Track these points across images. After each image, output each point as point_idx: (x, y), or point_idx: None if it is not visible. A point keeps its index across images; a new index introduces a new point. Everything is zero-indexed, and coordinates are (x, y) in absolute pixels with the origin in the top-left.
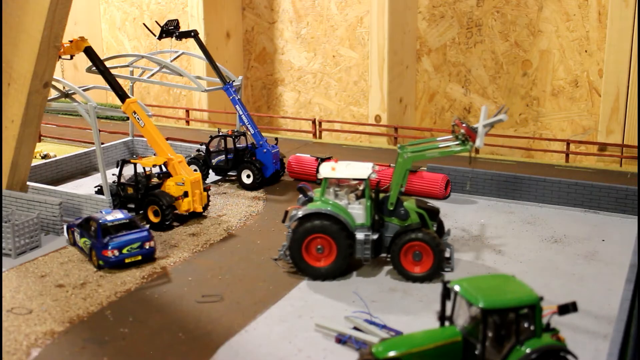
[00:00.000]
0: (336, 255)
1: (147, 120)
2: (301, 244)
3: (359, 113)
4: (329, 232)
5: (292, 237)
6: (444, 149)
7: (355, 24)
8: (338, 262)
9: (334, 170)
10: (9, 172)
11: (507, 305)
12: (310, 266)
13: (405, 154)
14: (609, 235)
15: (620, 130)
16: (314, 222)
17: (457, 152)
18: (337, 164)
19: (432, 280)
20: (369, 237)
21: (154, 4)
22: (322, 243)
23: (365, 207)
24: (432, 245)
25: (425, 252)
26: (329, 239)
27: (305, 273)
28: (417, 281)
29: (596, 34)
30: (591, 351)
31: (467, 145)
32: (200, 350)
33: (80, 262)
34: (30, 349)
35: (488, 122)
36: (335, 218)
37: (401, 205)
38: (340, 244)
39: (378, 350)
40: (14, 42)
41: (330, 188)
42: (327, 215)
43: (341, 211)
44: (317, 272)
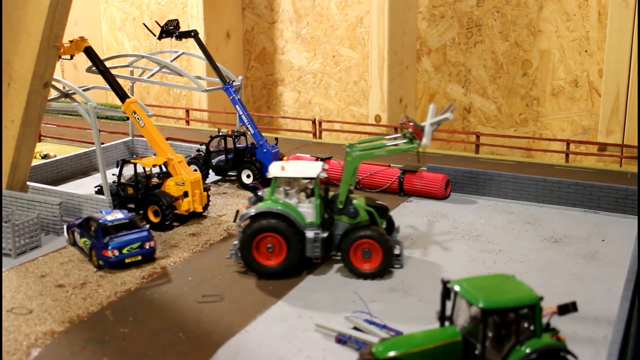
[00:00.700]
0: (286, 254)
1: (147, 120)
2: (251, 243)
3: (359, 113)
4: (279, 231)
5: (243, 236)
6: (391, 148)
7: (355, 24)
8: (288, 260)
9: (284, 169)
10: (9, 172)
11: (507, 305)
12: (261, 265)
13: (354, 152)
14: (609, 235)
15: (620, 130)
16: (264, 221)
17: (404, 150)
18: (287, 163)
19: (382, 277)
20: (318, 236)
21: (154, 4)
22: (272, 242)
23: (315, 206)
24: (380, 242)
25: (374, 249)
26: (279, 237)
27: (256, 272)
28: (367, 278)
29: (596, 34)
30: (591, 351)
31: (414, 144)
32: (200, 350)
33: (80, 262)
34: (30, 349)
35: (434, 121)
36: (285, 217)
37: (350, 203)
38: (290, 242)
39: (378, 350)
40: (14, 42)
41: (281, 187)
42: (277, 214)
43: (291, 210)
44: (267, 270)
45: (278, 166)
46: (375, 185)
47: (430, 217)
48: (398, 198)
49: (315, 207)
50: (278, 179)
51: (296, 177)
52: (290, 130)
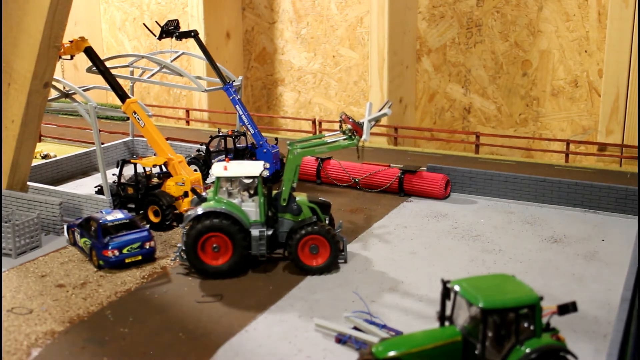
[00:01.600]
0: (232, 253)
1: (147, 120)
2: (196, 244)
3: (359, 113)
4: (223, 230)
5: (187, 238)
6: (332, 144)
7: (355, 24)
8: (234, 259)
9: (226, 169)
10: (9, 172)
11: (507, 305)
12: (207, 265)
13: (295, 150)
14: (608, 235)
15: (620, 130)
16: (208, 221)
17: (345, 147)
18: (229, 164)
19: (330, 271)
20: (263, 233)
21: (154, 4)
22: (217, 242)
23: (258, 204)
24: (327, 237)
25: (321, 245)
26: (224, 237)
27: (202, 272)
28: (315, 274)
29: (596, 34)
30: (591, 351)
31: (354, 140)
32: (200, 350)
33: (80, 262)
34: (31, 349)
35: (373, 117)
36: (230, 216)
37: (294, 200)
38: (236, 241)
39: (378, 350)
40: (14, 42)
41: (224, 187)
42: (221, 213)
43: (235, 209)
44: (214, 270)
45: (221, 166)
46: (375, 185)
47: (430, 217)
48: (398, 198)
49: (259, 205)
50: (221, 179)
51: (239, 177)
52: (290, 131)
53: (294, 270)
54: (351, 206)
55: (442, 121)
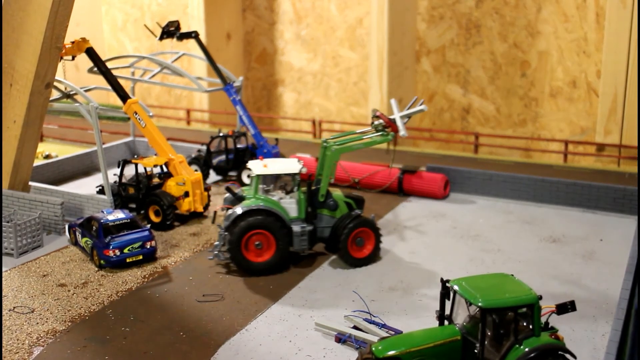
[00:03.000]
0: (275, 249)
1: (148, 121)
2: (240, 242)
3: (358, 114)
4: (267, 227)
5: (231, 236)
6: (368, 141)
7: (355, 25)
8: (277, 255)
9: (266, 167)
10: (11, 172)
11: (506, 304)
12: (251, 262)
13: (332, 147)
14: (607, 234)
15: (618, 130)
16: (252, 219)
17: (379, 143)
18: (267, 161)
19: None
20: (305, 229)
21: (155, 5)
22: (260, 239)
23: (297, 201)
24: (373, 229)
25: (367, 237)
26: (267, 233)
27: (246, 269)
28: (362, 265)
29: (594, 35)
30: (589, 350)
31: (388, 135)
32: (201, 349)
33: (81, 261)
34: (32, 348)
35: (406, 113)
36: (272, 213)
37: (330, 196)
38: (279, 237)
39: (378, 349)
40: (16, 43)
41: (260, 185)
42: (264, 210)
43: (276, 206)
44: (257, 267)
45: (260, 164)
46: (375, 185)
47: (429, 217)
48: (398, 198)
49: (299, 201)
50: (260, 177)
51: (280, 174)
52: (290, 131)
53: (294, 270)
54: None
55: (442, 121)
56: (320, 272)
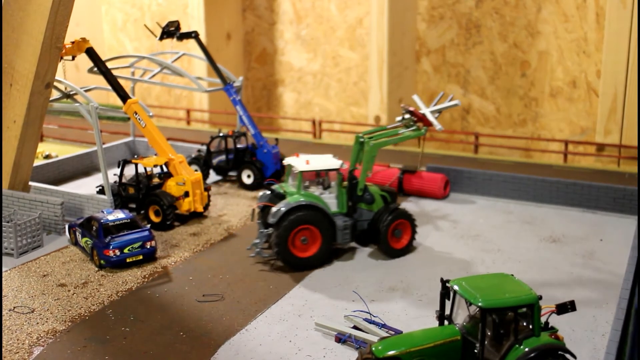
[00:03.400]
0: (320, 244)
1: (148, 121)
2: (288, 237)
3: (358, 113)
4: (313, 222)
5: (279, 232)
6: (402, 136)
7: (355, 25)
8: (323, 249)
9: (309, 163)
10: (11, 172)
11: (506, 304)
12: (297, 257)
13: (370, 142)
14: (606, 234)
15: (618, 130)
16: (299, 214)
17: (412, 137)
18: (308, 158)
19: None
20: (347, 223)
21: (155, 5)
22: (306, 234)
23: (336, 195)
24: (410, 220)
25: (404, 228)
26: (313, 228)
27: (294, 265)
28: (400, 256)
29: (594, 35)
30: (589, 350)
31: (422, 130)
32: (201, 349)
33: (81, 261)
34: (33, 348)
35: (439, 108)
36: (318, 208)
37: (367, 190)
38: (324, 232)
39: (378, 349)
40: (16, 43)
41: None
42: (309, 206)
43: (320, 201)
44: (303, 262)
45: (302, 161)
46: None
47: (429, 217)
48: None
49: (341, 196)
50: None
51: (323, 170)
52: (291, 131)
53: (294, 270)
54: None
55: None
56: (320, 272)
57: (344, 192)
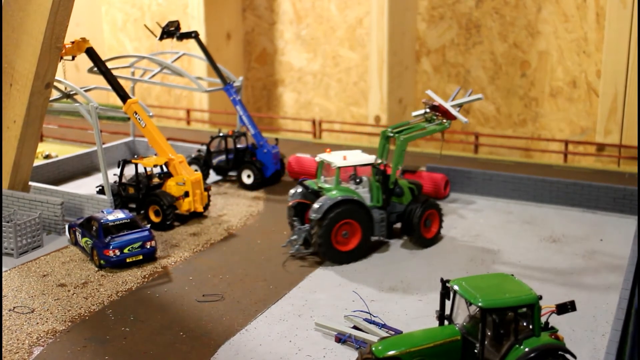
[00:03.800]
0: (360, 237)
1: (148, 121)
2: (331, 232)
3: (358, 113)
4: (354, 216)
5: (323, 227)
6: (429, 129)
7: (355, 25)
8: (362, 243)
9: (346, 159)
10: (11, 172)
11: (506, 304)
12: (340, 252)
13: (400, 137)
14: (607, 234)
15: (618, 130)
16: (341, 209)
17: (437, 131)
18: (344, 154)
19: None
20: (383, 216)
21: (155, 5)
22: (347, 228)
23: (369, 189)
24: (439, 210)
25: (434, 218)
26: (354, 222)
27: (334, 259)
28: (431, 245)
29: (594, 35)
30: (589, 350)
31: (446, 124)
32: (201, 349)
33: (81, 261)
34: (32, 348)
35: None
36: (358, 202)
37: (397, 183)
38: (363, 226)
39: (378, 349)
40: (16, 43)
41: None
42: (350, 200)
43: (357, 196)
44: (344, 256)
45: (339, 156)
46: None
47: None
48: None
49: (372, 190)
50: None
51: (360, 165)
52: (291, 131)
53: (294, 270)
54: None
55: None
56: (320, 272)
57: (379, 186)
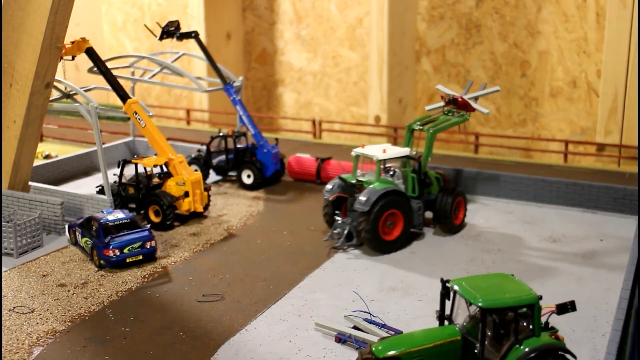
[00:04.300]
0: (403, 227)
1: (148, 121)
2: (378, 223)
3: (358, 113)
4: (398, 207)
5: (372, 219)
6: (452, 122)
7: (355, 25)
8: (404, 232)
9: (385, 152)
10: (11, 172)
11: (506, 304)
12: (386, 241)
13: (430, 129)
14: (607, 235)
15: (618, 130)
16: (387, 200)
17: (460, 123)
18: (383, 147)
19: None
20: (420, 205)
21: (155, 5)
22: (391, 218)
23: (404, 180)
24: (465, 197)
25: (460, 206)
26: (397, 212)
27: (380, 249)
28: (459, 231)
29: (594, 35)
30: (589, 350)
31: (466, 115)
32: (201, 349)
33: (81, 261)
34: (32, 348)
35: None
36: (401, 193)
37: (427, 174)
38: (405, 215)
39: (378, 349)
40: (16, 43)
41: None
42: (394, 191)
43: (397, 187)
44: (389, 245)
45: (379, 149)
46: None
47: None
48: None
49: (412, 181)
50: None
51: (399, 157)
52: (291, 131)
53: (295, 270)
54: None
55: None
56: (320, 272)
57: (414, 177)
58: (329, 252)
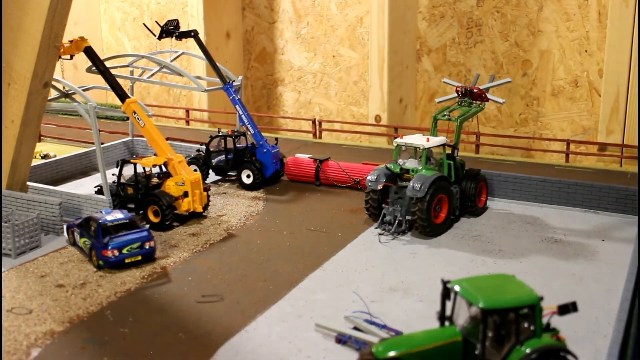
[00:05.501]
0: (447, 211)
1: (147, 120)
2: (431, 208)
3: (359, 113)
4: (445, 191)
5: (426, 204)
6: (472, 111)
7: (355, 24)
8: (448, 216)
9: (429, 141)
10: (9, 172)
11: (507, 305)
12: (436, 225)
13: (458, 119)
14: (608, 235)
15: (620, 130)
16: (437, 185)
17: (477, 112)
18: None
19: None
20: (457, 189)
21: (154, 4)
22: (439, 203)
23: (441, 168)
24: (486, 181)
25: (482, 190)
26: (444, 197)
27: (433, 233)
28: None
29: (596, 34)
30: (591, 351)
31: (482, 105)
32: (200, 350)
33: (80, 262)
34: (30, 349)
35: (488, 86)
36: (446, 179)
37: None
38: (450, 199)
39: (378, 350)
40: (14, 42)
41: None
42: (441, 177)
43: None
44: (438, 228)
45: (423, 139)
46: None
47: None
48: None
49: (450, 167)
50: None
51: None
52: (290, 130)
53: (295, 270)
54: (351, 206)
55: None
56: (320, 272)
57: (451, 164)
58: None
